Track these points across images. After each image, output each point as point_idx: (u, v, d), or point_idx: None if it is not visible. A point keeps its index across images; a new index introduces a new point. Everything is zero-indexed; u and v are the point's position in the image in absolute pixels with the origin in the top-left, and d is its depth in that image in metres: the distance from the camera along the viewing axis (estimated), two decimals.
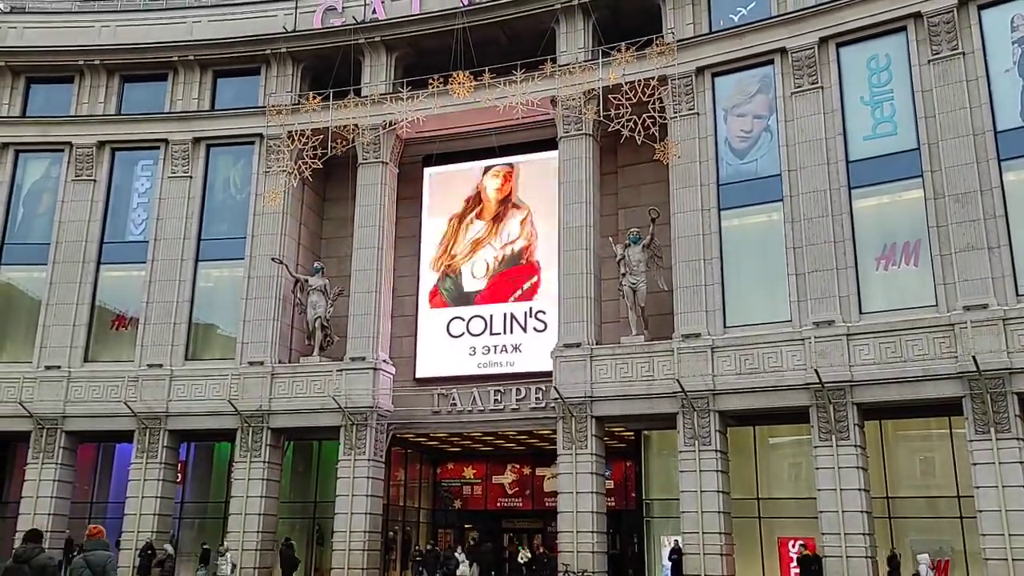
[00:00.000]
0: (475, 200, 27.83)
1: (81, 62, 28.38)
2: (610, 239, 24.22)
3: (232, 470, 25.28)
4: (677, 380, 21.18)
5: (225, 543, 24.00)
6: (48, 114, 28.75)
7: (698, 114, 23.36)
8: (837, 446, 19.81)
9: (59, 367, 26.26)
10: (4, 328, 27.63)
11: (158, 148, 28.11)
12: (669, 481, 22.90)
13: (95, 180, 27.98)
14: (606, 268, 24.33)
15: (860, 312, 20.54)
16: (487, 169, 27.79)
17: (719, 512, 20.69)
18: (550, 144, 25.73)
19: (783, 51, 22.62)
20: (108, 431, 26.12)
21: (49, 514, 25.13)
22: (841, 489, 19.48)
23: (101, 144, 28.23)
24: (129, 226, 28.01)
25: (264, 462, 24.73)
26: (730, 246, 22.46)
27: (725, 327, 21.85)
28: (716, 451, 21.10)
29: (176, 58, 28.01)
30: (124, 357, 26.53)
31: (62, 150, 28.33)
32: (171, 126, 27.98)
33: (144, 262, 27.14)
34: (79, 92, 28.72)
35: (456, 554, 24.83)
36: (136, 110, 28.48)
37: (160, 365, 26.02)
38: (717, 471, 20.96)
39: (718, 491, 20.87)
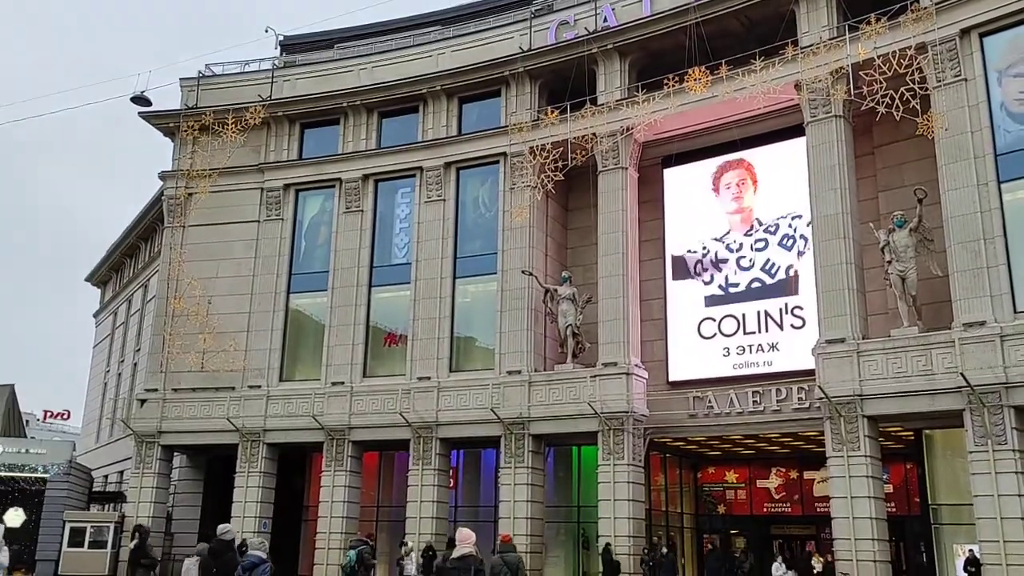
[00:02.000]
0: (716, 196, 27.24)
1: (344, 104, 31.01)
2: (871, 225, 22.89)
3: (499, 475, 26.38)
4: (961, 374, 19.42)
5: (409, 542, 24.72)
6: (320, 154, 31.50)
7: (966, 80, 21.34)
8: None
9: (343, 383, 28.79)
10: (296, 350, 30.56)
11: (414, 176, 30.04)
12: (958, 484, 21.10)
13: (362, 210, 30.41)
14: (868, 256, 22.97)
15: None
16: (728, 164, 27.10)
17: (1022, 519, 18.59)
18: (796, 131, 24.61)
19: None
20: (387, 440, 28.16)
21: (342, 517, 27.61)
22: None
23: (365, 177, 30.65)
24: (393, 250, 30.12)
25: (527, 467, 25.59)
26: (1015, 221, 20.28)
27: (1015, 312, 19.75)
28: (1014, 451, 19.04)
29: (425, 90, 29.89)
30: (397, 371, 28.48)
31: (333, 186, 31.03)
32: (424, 154, 29.84)
33: (408, 282, 29.08)
34: (344, 132, 31.31)
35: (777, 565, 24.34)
36: (393, 142, 30.60)
37: (428, 378, 27.74)
38: (1017, 472, 18.89)
39: (1019, 495, 18.79)
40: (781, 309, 25.40)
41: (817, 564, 24.97)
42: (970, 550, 19.89)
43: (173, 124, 32.49)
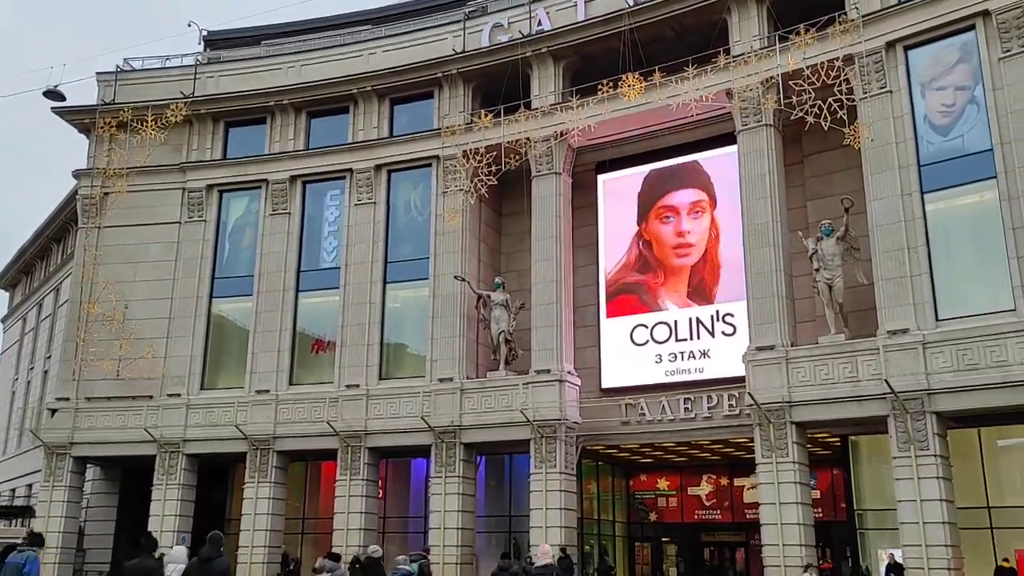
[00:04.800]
0: (649, 205, 27.56)
1: (271, 103, 30.47)
2: (799, 233, 23.33)
3: (429, 485, 26.14)
4: (885, 380, 19.97)
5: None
6: (245, 154, 30.88)
7: (891, 92, 21.98)
8: None
9: (268, 391, 28.24)
10: (219, 357, 29.84)
11: (344, 178, 29.63)
12: (883, 490, 21.72)
13: (290, 213, 29.86)
14: (797, 264, 23.41)
15: None
16: (661, 169, 27.41)
17: (944, 523, 19.22)
18: (728, 139, 25.07)
19: (986, 13, 20.89)
20: (314, 450, 27.74)
21: (266, 530, 27.12)
22: None
23: (293, 178, 30.12)
24: (322, 254, 29.63)
25: (459, 477, 25.44)
26: (937, 231, 20.94)
27: (937, 320, 20.38)
28: (936, 456, 19.66)
29: (355, 90, 29.55)
30: (325, 379, 28.03)
31: (259, 187, 30.38)
32: (355, 155, 29.48)
33: (337, 287, 28.63)
34: (271, 131, 30.75)
35: None
36: (322, 143, 30.13)
37: (357, 385, 27.35)
38: (938, 478, 19.52)
39: (941, 500, 19.41)
40: (712, 316, 25.71)
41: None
42: (891, 554, 20.38)
43: (88, 120, 31.42)
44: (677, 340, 26.01)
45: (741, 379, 22.91)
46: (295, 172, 30.14)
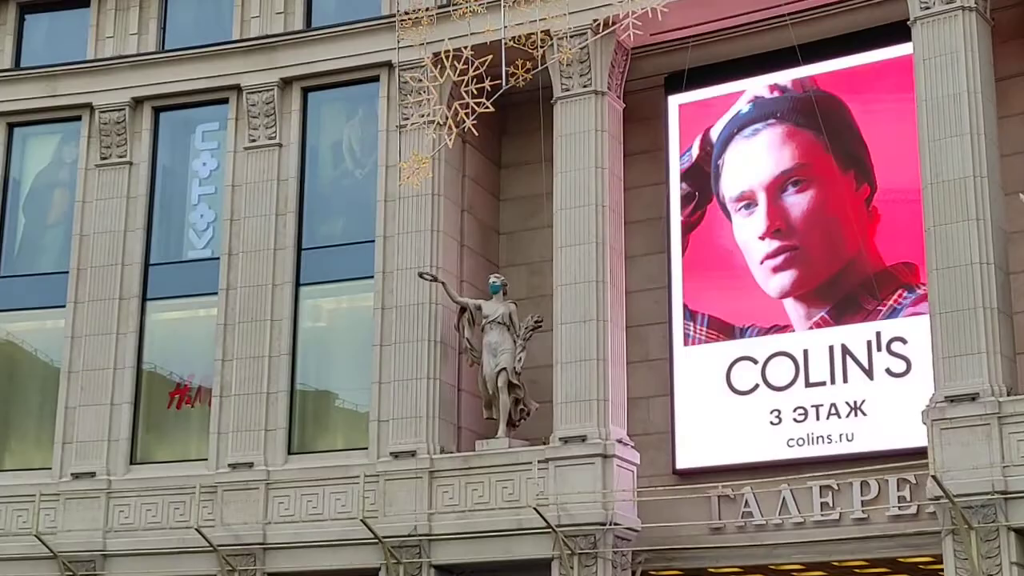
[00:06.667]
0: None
1: None
2: (1021, 197, 22.01)
3: None
4: None
5: None
6: (54, 62, 29.83)
7: None
8: None
9: (93, 474, 26.74)
10: (5, 416, 28.93)
11: (226, 101, 28.47)
12: None
13: (131, 163, 28.61)
14: (1019, 251, 22.34)
15: None
16: (776, 90, 26.45)
17: None
18: (893, 35, 24.22)
19: None
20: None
21: None
22: None
23: (137, 102, 28.80)
24: (188, 235, 28.79)
25: None
26: None
27: None
28: None
29: None
30: (192, 454, 27.08)
31: (78, 118, 29.19)
32: (244, 62, 28.27)
33: (214, 293, 27.53)
34: (99, 21, 29.67)
35: None
36: (188, 42, 29.10)
37: (249, 465, 25.92)
38: None
39: None
40: (870, 343, 24.24)
41: None
42: None
43: None
44: (808, 384, 24.49)
45: (920, 452, 21.46)
46: (141, 91, 28.93)
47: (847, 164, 25.59)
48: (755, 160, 26.77)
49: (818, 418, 24.40)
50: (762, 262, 26.09)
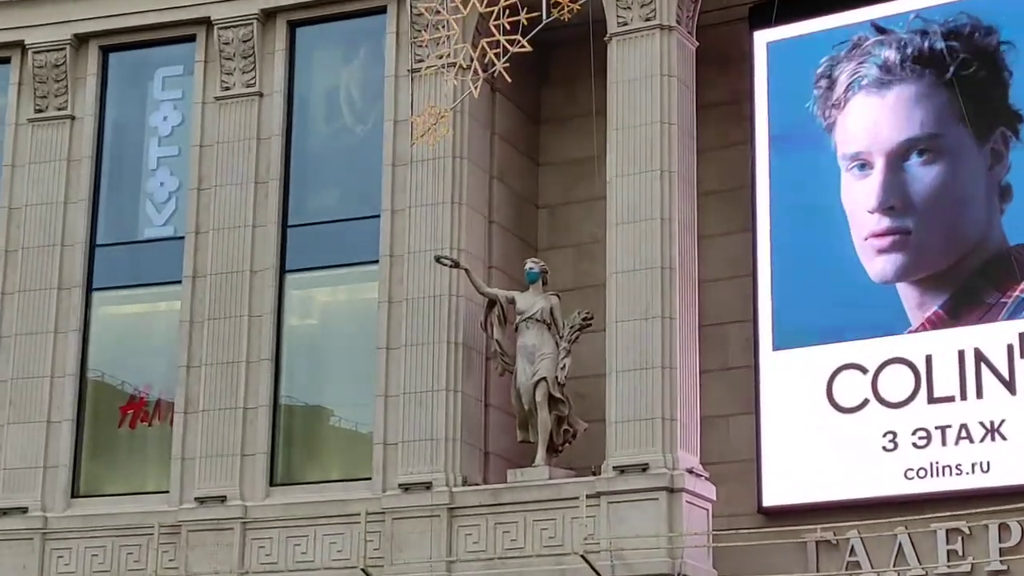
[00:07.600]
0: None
1: None
2: None
3: None
4: None
5: None
6: None
7: None
8: None
9: (25, 509, 26.76)
10: None
11: (192, 39, 28.54)
12: None
13: (72, 117, 28.69)
14: None
15: None
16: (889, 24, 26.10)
17: None
18: None
19: None
20: None
21: None
22: None
23: (82, 40, 28.85)
24: (144, 207, 28.88)
25: None
26: None
27: None
28: None
29: None
30: (149, 484, 27.18)
31: (6, 60, 29.45)
32: None
33: (177, 281, 27.53)
34: None
35: None
36: None
37: (222, 499, 25.80)
38: None
39: None
40: (1011, 347, 24.10)
41: None
42: None
43: None
44: (932, 400, 24.32)
45: None
46: (85, 27, 28.97)
47: (984, 136, 25.46)
48: (874, 119, 26.74)
49: (944, 443, 24.20)
50: (867, 239, 26.15)
